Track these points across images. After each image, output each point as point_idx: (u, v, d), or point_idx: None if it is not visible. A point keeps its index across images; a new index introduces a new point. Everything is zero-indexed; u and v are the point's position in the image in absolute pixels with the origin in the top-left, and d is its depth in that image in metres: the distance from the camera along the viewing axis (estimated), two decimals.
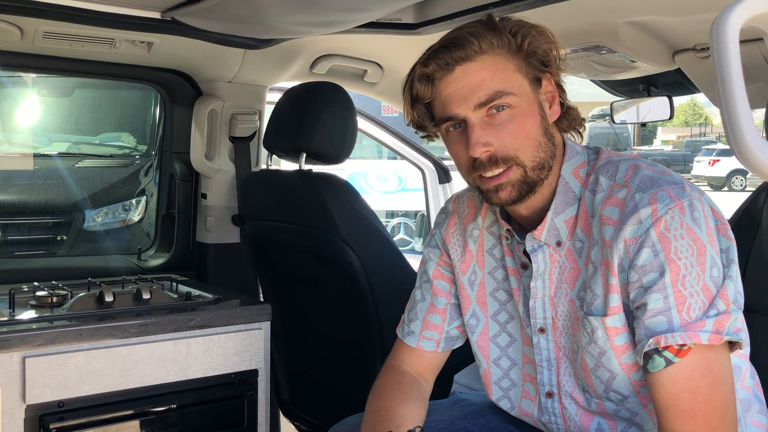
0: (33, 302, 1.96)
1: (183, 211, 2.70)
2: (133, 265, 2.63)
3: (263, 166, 2.60)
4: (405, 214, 8.05)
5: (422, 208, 3.74)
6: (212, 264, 2.67)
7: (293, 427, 2.65)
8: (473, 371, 1.54)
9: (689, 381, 1.09)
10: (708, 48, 1.86)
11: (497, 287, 1.40)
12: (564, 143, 1.30)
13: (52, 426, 1.71)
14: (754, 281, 1.51)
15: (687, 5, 1.77)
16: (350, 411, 1.53)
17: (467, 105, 1.20)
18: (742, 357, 1.24)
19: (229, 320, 1.97)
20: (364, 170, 8.33)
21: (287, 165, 2.40)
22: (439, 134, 1.31)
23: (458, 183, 2.39)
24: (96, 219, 4.04)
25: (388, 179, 8.37)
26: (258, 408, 2.03)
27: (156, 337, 1.85)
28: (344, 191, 2.08)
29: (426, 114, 1.29)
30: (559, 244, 1.26)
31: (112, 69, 2.45)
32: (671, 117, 2.47)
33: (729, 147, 0.90)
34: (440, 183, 3.45)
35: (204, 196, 2.69)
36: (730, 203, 2.05)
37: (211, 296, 2.10)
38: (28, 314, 1.86)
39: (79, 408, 1.75)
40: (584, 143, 1.36)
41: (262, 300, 2.54)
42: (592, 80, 2.57)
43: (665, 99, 2.48)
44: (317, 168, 2.20)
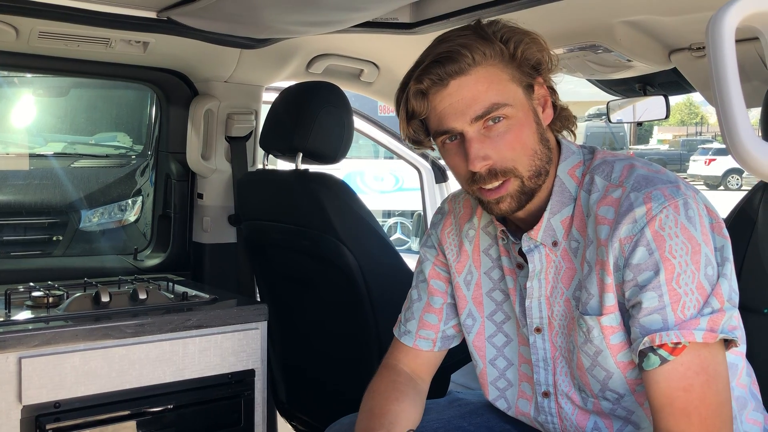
0: (29, 303, 1.96)
1: (179, 211, 2.70)
2: (130, 266, 2.63)
3: (260, 166, 2.60)
4: (402, 214, 8.05)
5: (419, 208, 3.74)
6: (209, 264, 2.67)
7: (290, 427, 2.65)
8: (470, 371, 1.54)
9: (684, 379, 1.10)
10: (704, 47, 1.86)
11: (493, 287, 1.40)
12: (559, 143, 1.30)
13: (49, 427, 1.70)
14: (750, 280, 1.52)
15: (683, 4, 1.77)
16: (347, 411, 1.52)
17: (464, 119, 1.19)
18: (738, 355, 1.25)
19: (226, 320, 1.97)
20: (361, 170, 8.32)
21: (284, 165, 2.40)
22: (435, 146, 1.30)
23: (454, 183, 2.40)
24: (92, 219, 4.03)
25: (385, 179, 8.37)
26: (255, 408, 2.03)
27: (152, 338, 1.85)
28: (341, 191, 2.08)
29: (421, 128, 1.28)
30: (555, 244, 1.26)
31: (108, 69, 2.45)
32: (667, 116, 2.47)
33: (725, 146, 0.90)
34: (437, 183, 3.45)
35: (200, 196, 2.69)
36: (726, 202, 2.05)
37: (208, 296, 2.10)
38: (24, 315, 1.86)
39: (76, 408, 1.75)
40: (581, 143, 1.36)
41: (259, 300, 2.54)
42: (589, 79, 2.57)
43: (661, 98, 2.49)
44: (314, 168, 2.20)
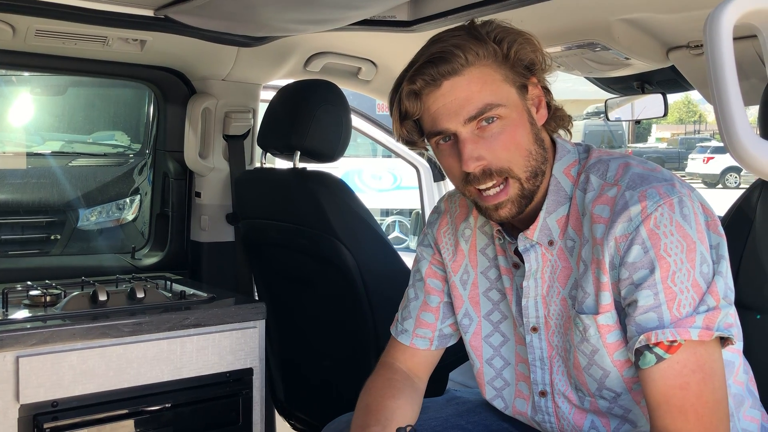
0: (26, 302, 1.95)
1: (177, 210, 2.69)
2: (127, 264, 2.62)
3: (257, 165, 2.60)
4: (400, 213, 8.05)
5: (417, 206, 3.74)
6: (206, 263, 2.66)
7: (288, 426, 2.65)
8: (468, 369, 1.54)
9: (680, 377, 1.10)
10: (702, 45, 1.86)
11: (490, 287, 1.40)
12: (554, 143, 1.30)
13: (46, 426, 1.70)
14: (748, 278, 1.51)
15: (681, 2, 1.76)
16: (345, 409, 1.52)
17: (457, 119, 1.19)
18: (735, 352, 1.25)
19: (224, 319, 1.97)
20: (359, 168, 8.32)
21: (282, 163, 2.40)
22: (429, 147, 1.29)
23: None
24: (90, 218, 4.02)
25: (383, 177, 8.36)
26: (253, 407, 2.02)
27: (150, 336, 1.84)
28: (339, 189, 2.07)
29: (415, 129, 1.28)
30: (552, 244, 1.26)
31: (105, 67, 2.44)
32: (665, 114, 2.47)
33: (723, 144, 0.90)
34: (435, 181, 3.44)
35: (198, 195, 2.68)
36: (724, 201, 2.05)
37: (206, 295, 2.10)
38: (22, 314, 1.86)
39: (73, 407, 1.74)
40: (579, 141, 1.35)
41: (257, 299, 2.54)
42: (587, 77, 2.57)
43: (659, 96, 2.48)
44: (312, 166, 2.20)
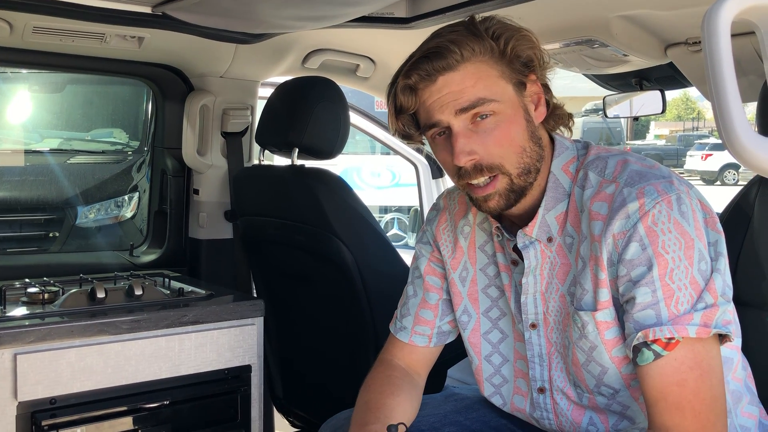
0: (24, 299, 1.95)
1: (175, 207, 2.69)
2: (125, 261, 2.62)
3: (255, 162, 2.59)
4: (398, 210, 8.04)
5: (416, 204, 3.73)
6: (205, 260, 2.66)
7: (287, 423, 2.65)
8: (467, 366, 1.54)
9: (677, 374, 1.10)
10: (700, 42, 1.86)
11: (489, 284, 1.40)
12: (552, 139, 1.30)
13: (44, 423, 1.70)
14: (746, 275, 1.52)
15: None
16: (344, 406, 1.53)
17: (449, 111, 1.20)
18: (734, 349, 1.25)
19: (222, 316, 1.97)
20: (358, 166, 8.31)
21: (280, 160, 2.40)
22: (426, 142, 1.30)
23: None
24: (88, 215, 4.02)
25: (382, 175, 8.35)
26: (251, 404, 2.02)
27: (148, 333, 1.84)
28: (337, 187, 2.07)
29: (411, 122, 1.28)
30: (550, 240, 1.26)
31: (103, 64, 2.43)
32: (663, 111, 2.47)
33: (721, 141, 0.90)
34: (433, 178, 3.44)
35: (196, 192, 2.68)
36: (723, 197, 2.05)
37: (204, 292, 2.09)
38: (20, 311, 1.85)
39: (71, 405, 1.74)
40: (578, 138, 1.35)
41: (255, 296, 2.54)
42: (585, 74, 2.57)
43: (657, 93, 2.49)
44: (310, 163, 2.20)
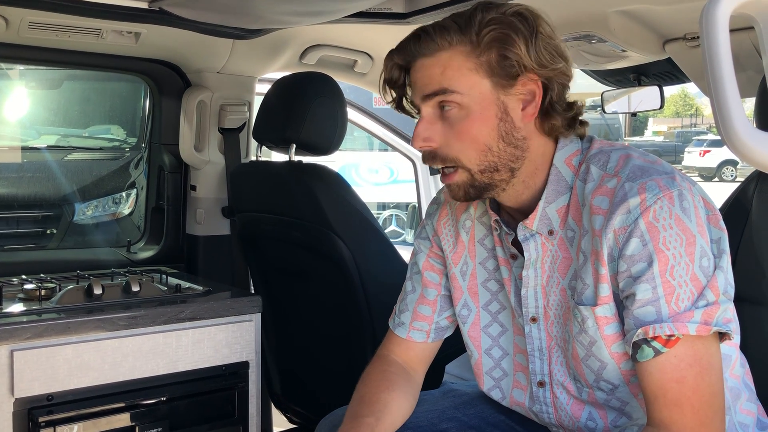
0: (21, 295, 1.95)
1: (172, 203, 2.69)
2: (123, 258, 2.62)
3: (253, 158, 2.59)
4: (396, 206, 8.04)
5: (413, 200, 3.73)
6: (202, 256, 2.66)
7: (285, 419, 2.65)
8: (464, 362, 1.54)
9: (676, 371, 1.09)
10: (698, 37, 1.86)
11: (489, 277, 1.39)
12: (557, 138, 1.29)
13: (41, 419, 1.70)
14: (744, 270, 1.51)
15: None
16: (341, 402, 1.52)
17: (418, 95, 1.24)
18: (732, 346, 1.25)
19: (220, 312, 1.96)
20: (356, 162, 8.30)
21: (277, 156, 2.39)
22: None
23: None
24: (86, 212, 4.01)
25: (380, 171, 8.35)
26: (249, 400, 2.02)
27: (145, 330, 1.84)
28: (335, 183, 2.07)
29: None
30: (551, 233, 1.26)
31: (100, 60, 2.43)
32: (662, 106, 2.47)
33: (719, 136, 0.90)
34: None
35: (193, 188, 2.68)
36: (721, 193, 2.05)
37: (201, 288, 2.09)
38: (16, 307, 1.85)
39: (68, 401, 1.74)
40: None
41: (253, 292, 2.53)
42: (583, 70, 2.56)
43: (656, 89, 2.48)
44: (307, 159, 2.19)
